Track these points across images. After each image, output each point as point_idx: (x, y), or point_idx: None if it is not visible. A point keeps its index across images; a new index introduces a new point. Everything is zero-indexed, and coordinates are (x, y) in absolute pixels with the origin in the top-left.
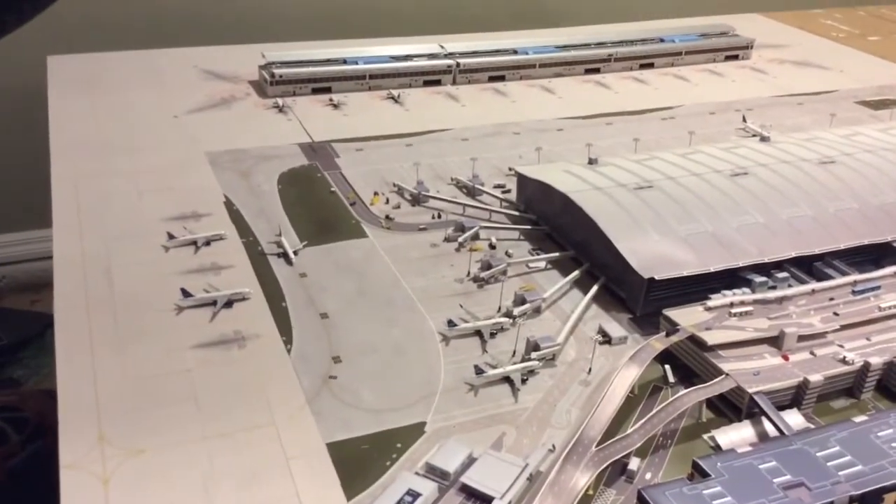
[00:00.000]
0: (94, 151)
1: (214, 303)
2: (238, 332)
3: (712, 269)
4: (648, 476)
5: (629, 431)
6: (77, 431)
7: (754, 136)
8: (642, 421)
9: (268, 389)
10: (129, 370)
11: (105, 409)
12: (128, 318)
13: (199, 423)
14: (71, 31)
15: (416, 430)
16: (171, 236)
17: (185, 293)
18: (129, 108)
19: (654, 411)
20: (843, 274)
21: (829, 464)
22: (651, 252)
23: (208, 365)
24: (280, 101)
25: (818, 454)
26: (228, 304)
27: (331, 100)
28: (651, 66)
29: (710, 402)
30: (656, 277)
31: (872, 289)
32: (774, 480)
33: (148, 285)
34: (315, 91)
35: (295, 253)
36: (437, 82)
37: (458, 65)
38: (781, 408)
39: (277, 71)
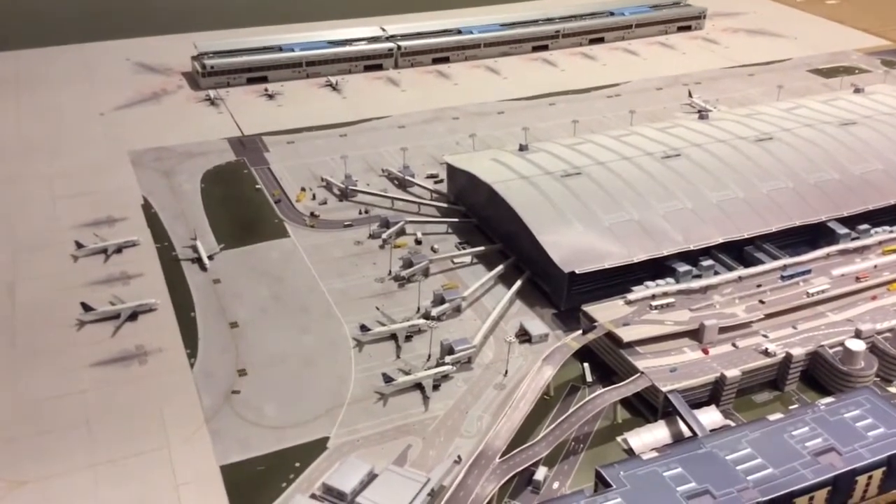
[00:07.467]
0: (13, 154)
1: (118, 316)
2: (140, 346)
3: (635, 260)
4: (556, 486)
5: (537, 439)
6: None
7: (698, 112)
8: (552, 427)
9: (165, 409)
10: (22, 394)
11: None
12: (27, 336)
13: (88, 449)
14: (4, 27)
15: (318, 447)
16: (79, 245)
17: (86, 307)
18: (55, 107)
19: (563, 416)
20: (774, 258)
21: (738, 467)
22: (574, 244)
23: (105, 385)
24: (212, 93)
25: (728, 457)
26: (133, 316)
27: (266, 90)
28: (601, 40)
29: (628, 402)
30: (577, 271)
31: (802, 273)
32: (678, 489)
33: (51, 299)
34: (250, 81)
35: (210, 257)
36: (379, 67)
37: (399, 48)
38: (700, 405)
39: (209, 62)
